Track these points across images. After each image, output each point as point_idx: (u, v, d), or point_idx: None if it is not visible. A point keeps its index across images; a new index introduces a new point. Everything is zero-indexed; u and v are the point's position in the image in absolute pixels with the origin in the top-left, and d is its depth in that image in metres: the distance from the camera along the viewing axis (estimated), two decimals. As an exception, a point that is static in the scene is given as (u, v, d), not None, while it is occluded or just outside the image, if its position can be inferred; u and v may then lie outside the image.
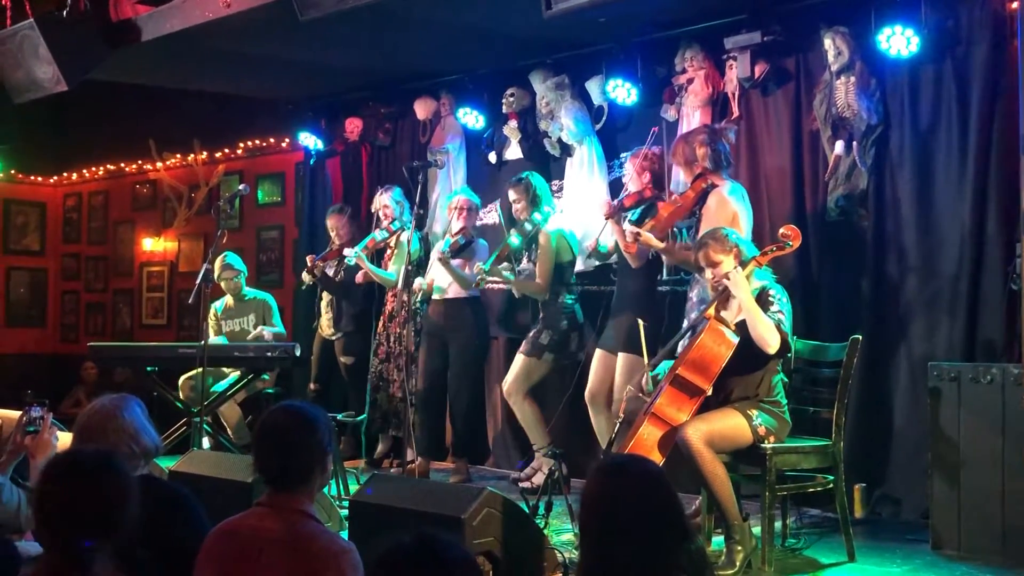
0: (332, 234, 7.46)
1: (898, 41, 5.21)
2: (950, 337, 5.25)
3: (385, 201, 6.98)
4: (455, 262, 6.46)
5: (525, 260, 6.40)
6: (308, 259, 7.34)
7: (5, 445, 3.96)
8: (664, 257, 5.69)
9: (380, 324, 7.08)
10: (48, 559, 2.20)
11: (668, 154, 5.64)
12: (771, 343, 4.37)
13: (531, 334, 6.22)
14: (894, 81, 5.47)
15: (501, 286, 6.86)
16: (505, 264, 6.26)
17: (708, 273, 4.65)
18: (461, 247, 6.47)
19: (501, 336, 7.09)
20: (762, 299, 4.48)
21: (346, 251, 6.87)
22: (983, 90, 5.15)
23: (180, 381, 7.18)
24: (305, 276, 7.37)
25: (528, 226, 6.13)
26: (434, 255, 6.73)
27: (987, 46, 5.15)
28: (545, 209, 6.18)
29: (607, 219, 5.68)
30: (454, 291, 6.57)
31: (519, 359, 6.20)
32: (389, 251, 6.99)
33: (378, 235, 6.91)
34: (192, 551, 2.63)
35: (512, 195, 6.25)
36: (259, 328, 7.35)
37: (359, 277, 7.03)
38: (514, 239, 6.12)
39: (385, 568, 1.71)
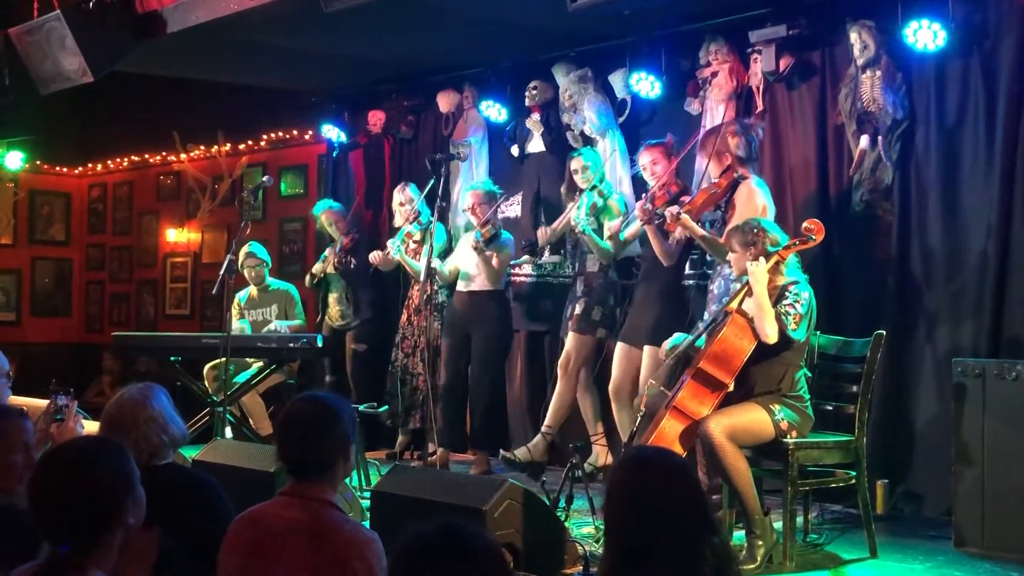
0: (330, 228, 7.57)
1: (925, 35, 5.17)
2: (975, 333, 5.21)
3: (410, 195, 7.01)
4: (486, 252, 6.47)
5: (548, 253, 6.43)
6: (328, 253, 7.45)
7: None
8: (684, 241, 5.64)
9: (404, 317, 7.10)
10: (53, 554, 2.19)
11: (697, 148, 5.62)
12: (768, 333, 4.37)
13: (577, 312, 6.19)
14: (920, 75, 5.43)
15: (526, 279, 6.89)
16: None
17: (734, 267, 4.64)
18: (492, 237, 6.47)
19: (523, 330, 7.08)
20: (780, 293, 4.47)
21: (388, 244, 6.91)
22: (1010, 85, 5.11)
23: (205, 370, 7.23)
24: (308, 279, 7.58)
25: (606, 190, 6.14)
26: (462, 244, 6.73)
27: (1015, 40, 5.11)
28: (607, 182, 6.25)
29: (644, 224, 5.65)
30: (479, 283, 6.57)
31: (573, 339, 6.18)
32: (415, 245, 7.01)
33: (413, 229, 6.96)
34: (217, 538, 2.64)
35: (580, 163, 6.18)
36: (272, 323, 7.39)
37: (373, 259, 7.04)
38: (598, 199, 6.11)
39: (410, 557, 1.71)
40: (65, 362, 10.38)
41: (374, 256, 7.02)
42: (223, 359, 6.22)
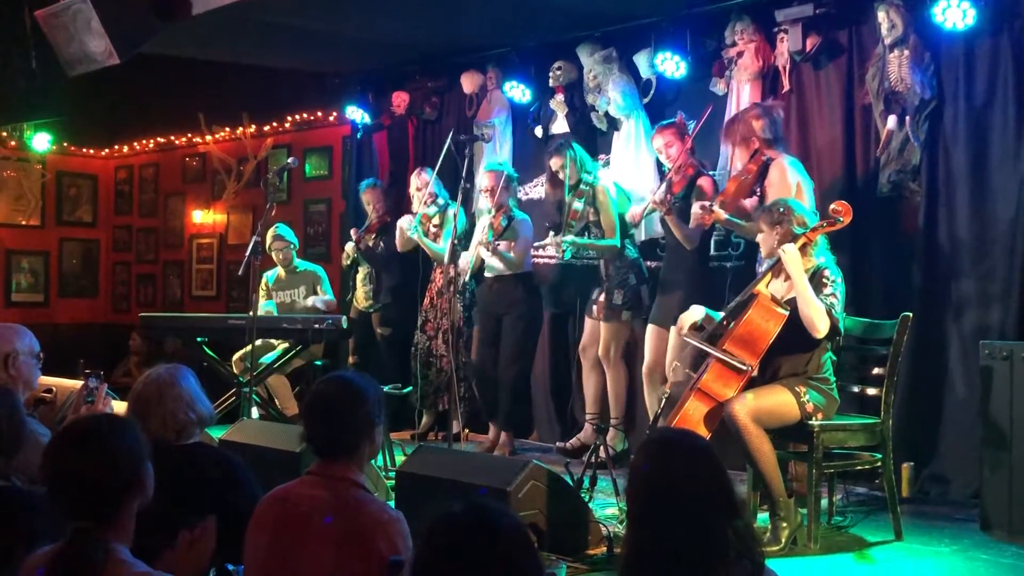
0: (368, 208, 7.58)
1: (954, 14, 5.11)
2: (1003, 315, 5.17)
3: (426, 179, 7.03)
4: (501, 246, 6.44)
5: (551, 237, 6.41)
6: (352, 233, 7.45)
7: (59, 413, 4.05)
8: (705, 224, 5.63)
9: (427, 300, 7.11)
10: (75, 531, 2.21)
11: (721, 137, 5.60)
12: (820, 327, 4.34)
13: (600, 299, 6.21)
14: (949, 55, 5.37)
15: (550, 261, 6.89)
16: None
17: (763, 248, 4.62)
18: (504, 230, 6.45)
19: (547, 312, 7.07)
20: (817, 279, 4.44)
21: (404, 224, 6.91)
22: (1041, 64, 5.06)
23: (233, 359, 7.27)
24: (349, 249, 7.52)
25: (584, 187, 6.12)
26: (477, 234, 6.72)
27: (1046, 19, 5.05)
28: (592, 171, 6.23)
29: (664, 215, 5.65)
30: (503, 270, 6.56)
31: (603, 328, 6.20)
32: (435, 228, 7.02)
33: (430, 211, 6.96)
34: (244, 517, 2.67)
35: (556, 163, 6.23)
36: (309, 299, 7.43)
37: (399, 243, 7.07)
38: (577, 203, 6.11)
39: (437, 537, 1.71)
40: (93, 342, 10.46)
41: (405, 224, 7.03)
42: (250, 348, 6.26)
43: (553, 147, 6.35)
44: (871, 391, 4.69)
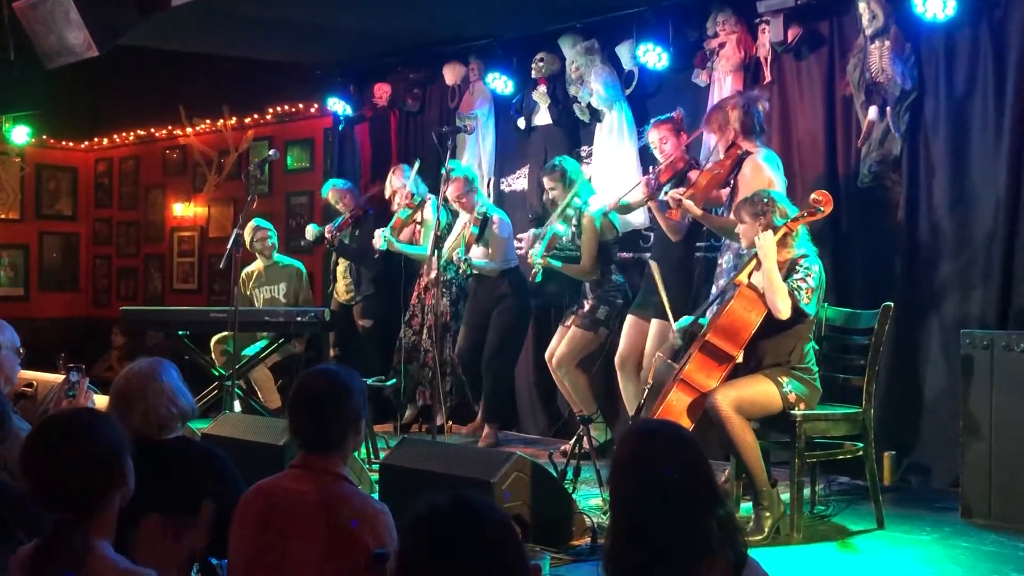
0: (337, 206, 7.58)
1: (934, 5, 5.13)
2: (983, 304, 5.20)
3: (401, 182, 7.01)
4: (479, 252, 6.42)
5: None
6: (326, 230, 7.43)
7: (40, 407, 4.03)
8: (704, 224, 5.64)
9: (415, 295, 7.09)
10: (55, 524, 2.20)
11: (703, 124, 5.59)
12: (780, 307, 4.36)
13: (584, 309, 6.21)
14: (929, 46, 5.39)
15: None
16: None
17: (743, 240, 4.63)
18: (478, 237, 6.42)
19: (532, 306, 7.05)
20: (791, 266, 4.46)
21: (376, 235, 6.90)
22: (1020, 55, 5.08)
23: (212, 343, 7.26)
24: (308, 234, 7.57)
25: (571, 211, 6.11)
26: (457, 227, 6.70)
27: (1025, 10, 5.07)
28: (582, 196, 6.19)
29: (647, 199, 5.64)
30: (487, 270, 6.56)
31: (574, 332, 6.19)
32: (417, 227, 7.00)
33: (402, 214, 6.94)
34: (228, 511, 2.66)
35: (547, 183, 6.24)
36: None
37: (376, 242, 7.07)
38: (559, 227, 6.10)
39: (421, 529, 1.71)
40: (73, 336, 10.41)
41: (377, 240, 7.04)
42: (227, 333, 6.25)
43: (546, 166, 6.33)
44: (853, 381, 4.71)
